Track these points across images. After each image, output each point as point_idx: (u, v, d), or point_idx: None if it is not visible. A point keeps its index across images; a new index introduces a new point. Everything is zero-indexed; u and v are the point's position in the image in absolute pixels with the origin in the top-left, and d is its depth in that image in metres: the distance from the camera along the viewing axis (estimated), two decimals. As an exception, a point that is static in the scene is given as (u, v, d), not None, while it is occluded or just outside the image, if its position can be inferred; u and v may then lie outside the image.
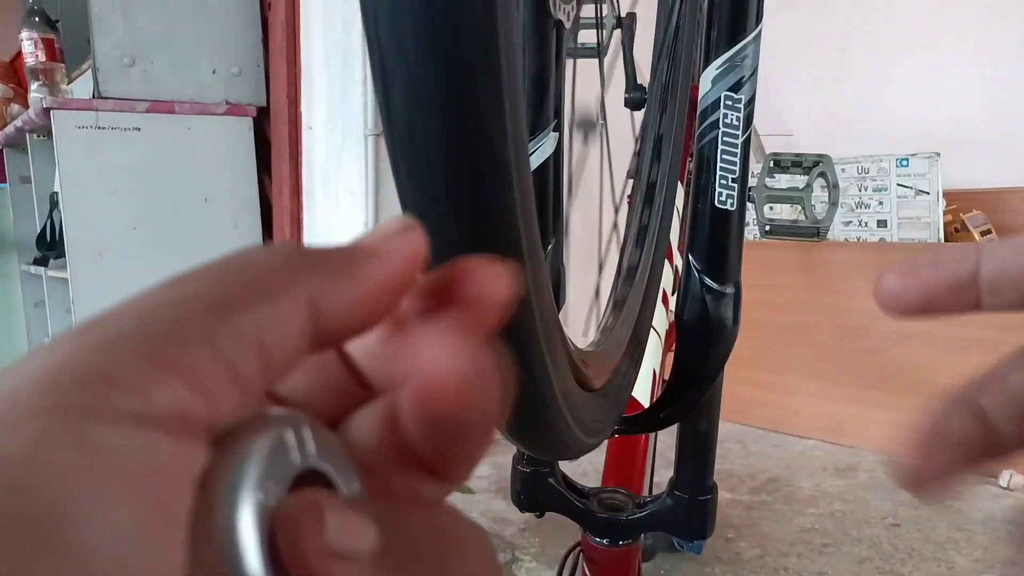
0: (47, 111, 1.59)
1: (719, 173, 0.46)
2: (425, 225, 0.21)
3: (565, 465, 0.56)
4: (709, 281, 0.46)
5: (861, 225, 1.73)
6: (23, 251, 2.23)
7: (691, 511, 0.52)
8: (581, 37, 0.67)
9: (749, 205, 0.50)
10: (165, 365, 0.12)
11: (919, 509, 1.34)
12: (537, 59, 0.44)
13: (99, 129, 1.63)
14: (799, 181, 0.69)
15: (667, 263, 0.67)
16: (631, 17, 0.81)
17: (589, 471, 1.05)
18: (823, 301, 1.73)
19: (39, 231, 2.07)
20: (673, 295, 0.71)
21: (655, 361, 0.68)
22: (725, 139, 0.46)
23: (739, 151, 0.46)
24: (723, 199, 0.46)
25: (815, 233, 0.68)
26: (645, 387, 0.65)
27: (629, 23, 0.82)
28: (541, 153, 0.45)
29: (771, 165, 0.70)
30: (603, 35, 0.69)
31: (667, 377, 0.49)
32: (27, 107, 1.99)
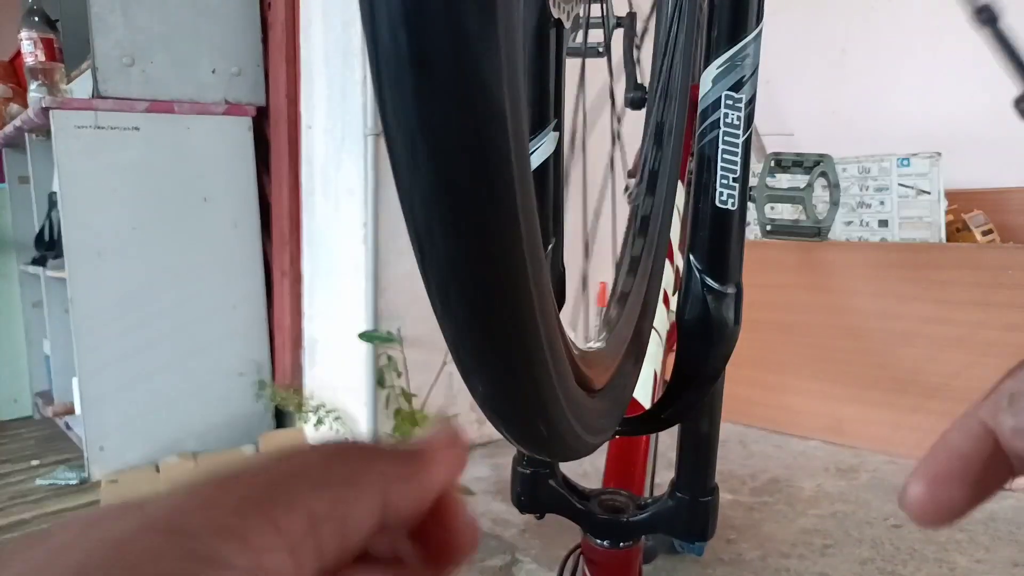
0: (46, 111, 1.59)
1: (720, 173, 0.46)
2: (427, 226, 0.21)
3: (565, 466, 0.55)
4: (710, 281, 0.46)
5: (862, 225, 1.73)
6: (22, 251, 2.23)
7: (692, 512, 0.52)
8: (582, 37, 0.67)
9: (750, 205, 0.49)
10: (269, 525, 0.14)
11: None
12: (537, 59, 0.44)
13: (98, 129, 1.63)
14: (800, 181, 0.68)
15: (667, 263, 0.67)
16: (631, 16, 0.81)
17: (590, 472, 1.05)
18: (824, 301, 1.73)
19: (38, 231, 2.07)
20: (674, 295, 0.71)
21: (656, 362, 0.68)
22: (726, 139, 0.45)
23: (740, 151, 0.45)
24: (724, 199, 0.46)
25: (816, 233, 0.68)
26: (646, 388, 0.65)
27: (629, 22, 0.81)
28: (541, 153, 0.45)
29: (772, 165, 0.70)
30: (605, 35, 0.69)
31: (668, 378, 0.49)
32: (26, 107, 1.98)
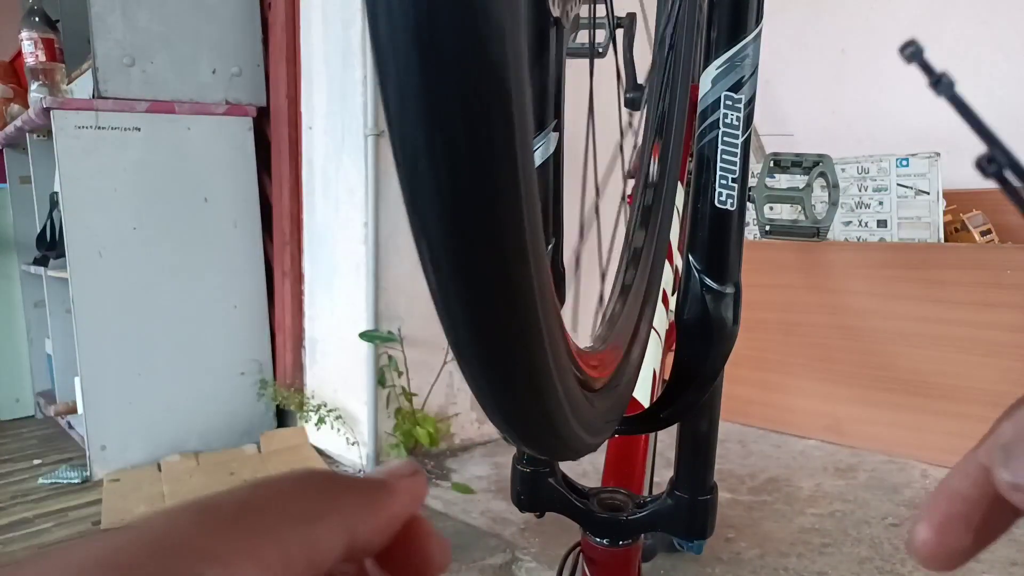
0: (47, 111, 1.59)
1: (719, 173, 0.46)
2: (430, 225, 0.21)
3: (565, 465, 0.56)
4: (709, 281, 0.46)
5: (861, 225, 1.73)
6: (23, 251, 2.23)
7: (691, 511, 0.52)
8: (582, 37, 0.67)
9: (749, 205, 0.49)
10: (247, 551, 0.16)
11: (919, 509, 1.34)
12: (537, 58, 0.44)
13: (99, 129, 1.63)
14: (799, 181, 0.69)
15: (667, 263, 0.67)
16: (631, 17, 0.81)
17: (589, 471, 1.05)
18: (823, 301, 1.73)
19: (39, 231, 2.07)
20: (673, 295, 0.71)
21: (655, 361, 0.68)
22: (725, 139, 0.46)
23: (739, 151, 0.46)
24: (723, 199, 0.46)
25: (815, 233, 0.68)
26: (645, 387, 0.65)
27: (629, 23, 0.82)
28: (541, 153, 0.45)
29: (771, 165, 0.70)
30: (603, 35, 0.69)
31: (667, 377, 0.49)
32: (27, 107, 1.99)
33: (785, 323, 1.80)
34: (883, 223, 1.69)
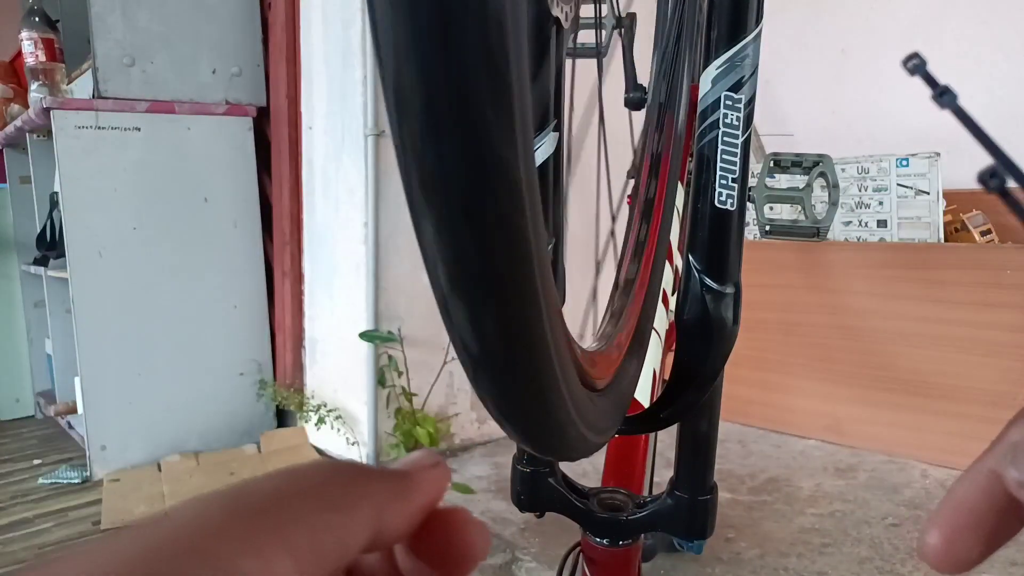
0: (47, 111, 1.59)
1: (719, 173, 0.46)
2: (434, 225, 0.21)
3: (565, 465, 0.56)
4: (709, 281, 0.46)
5: (861, 225, 1.73)
6: (23, 251, 2.23)
7: (691, 511, 0.52)
8: (583, 37, 0.67)
9: (749, 205, 0.50)
10: (280, 541, 0.16)
11: (919, 509, 1.34)
12: (537, 58, 0.44)
13: (99, 129, 1.63)
14: (799, 181, 0.69)
15: (667, 263, 0.67)
16: (631, 17, 0.81)
17: (589, 471, 1.05)
18: (823, 301, 1.73)
19: (39, 231, 2.07)
20: (673, 295, 0.71)
21: (655, 361, 0.68)
22: (725, 139, 0.46)
23: (739, 151, 0.46)
24: (723, 199, 0.46)
25: (815, 233, 0.68)
26: (645, 387, 0.65)
27: (629, 23, 0.82)
28: (541, 153, 0.45)
29: (771, 165, 0.70)
30: (603, 35, 0.69)
31: (667, 377, 0.49)
32: (27, 107, 1.99)
33: (785, 323, 1.80)
34: (883, 223, 1.69)
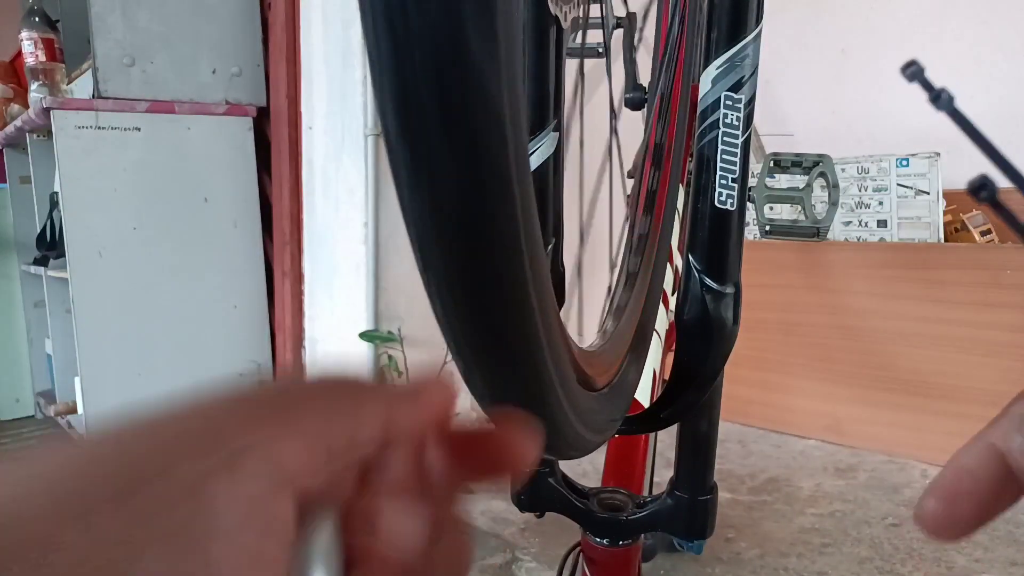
0: (47, 111, 1.59)
1: (719, 173, 0.46)
2: (426, 227, 0.21)
3: (565, 465, 0.56)
4: (709, 281, 0.46)
5: (861, 225, 1.73)
6: (23, 251, 2.23)
7: (691, 511, 0.52)
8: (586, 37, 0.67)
9: (749, 205, 0.49)
10: (290, 423, 0.16)
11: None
12: (537, 58, 0.44)
13: (99, 129, 1.63)
14: (799, 181, 0.68)
15: (667, 263, 0.67)
16: (631, 17, 0.81)
17: (589, 471, 1.05)
18: (823, 301, 1.73)
19: (39, 231, 2.07)
20: (673, 295, 0.71)
21: (655, 361, 0.68)
22: (725, 139, 0.46)
23: (739, 151, 0.46)
24: (723, 199, 0.46)
25: (815, 233, 0.68)
26: (645, 387, 0.65)
27: (629, 23, 0.82)
28: (541, 153, 0.45)
29: (771, 165, 0.70)
30: (604, 35, 0.69)
31: (667, 377, 0.49)
32: (27, 107, 1.99)
33: (785, 323, 1.80)
34: (883, 223, 1.69)
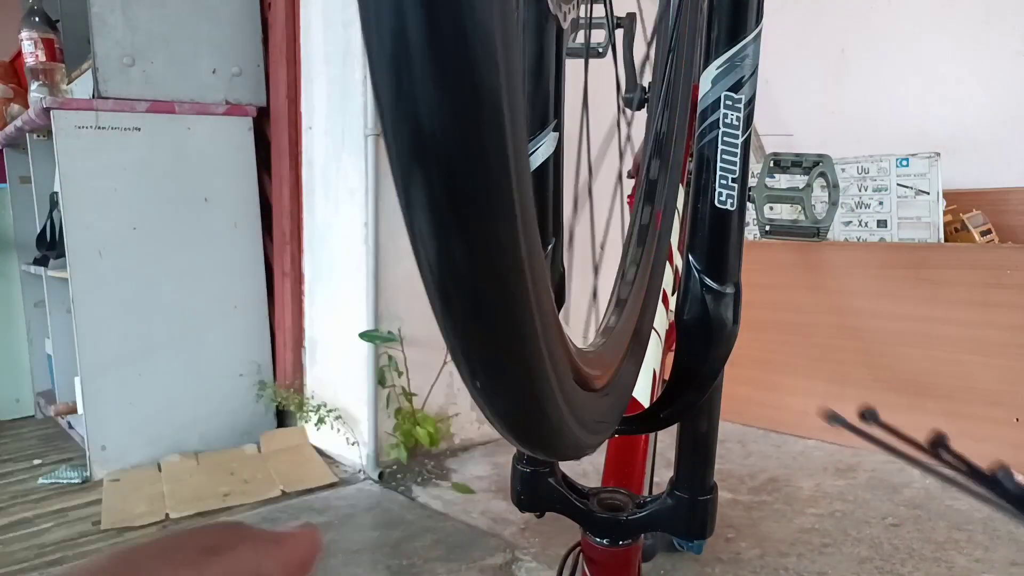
0: (47, 111, 1.59)
1: (719, 173, 0.46)
2: (426, 228, 0.21)
3: (565, 465, 0.56)
4: (709, 281, 0.46)
5: (861, 225, 1.73)
6: (23, 251, 2.23)
7: (691, 511, 0.52)
8: (581, 37, 0.67)
9: (749, 205, 0.49)
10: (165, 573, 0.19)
11: (919, 509, 1.34)
12: (536, 58, 0.44)
13: (99, 129, 1.63)
14: (799, 181, 0.68)
15: (667, 263, 0.67)
16: (631, 17, 0.81)
17: (589, 471, 1.05)
18: (823, 301, 1.73)
19: (39, 231, 2.07)
20: (673, 295, 0.71)
21: (655, 361, 0.68)
22: (725, 139, 0.46)
23: (739, 151, 0.46)
24: (723, 199, 0.46)
25: (815, 233, 0.68)
26: (645, 387, 0.65)
27: (629, 23, 0.82)
28: (541, 153, 0.45)
29: (771, 165, 0.70)
30: (603, 35, 0.69)
31: (667, 377, 0.49)
32: (27, 107, 1.99)
33: (785, 323, 1.80)
34: (883, 223, 1.69)
